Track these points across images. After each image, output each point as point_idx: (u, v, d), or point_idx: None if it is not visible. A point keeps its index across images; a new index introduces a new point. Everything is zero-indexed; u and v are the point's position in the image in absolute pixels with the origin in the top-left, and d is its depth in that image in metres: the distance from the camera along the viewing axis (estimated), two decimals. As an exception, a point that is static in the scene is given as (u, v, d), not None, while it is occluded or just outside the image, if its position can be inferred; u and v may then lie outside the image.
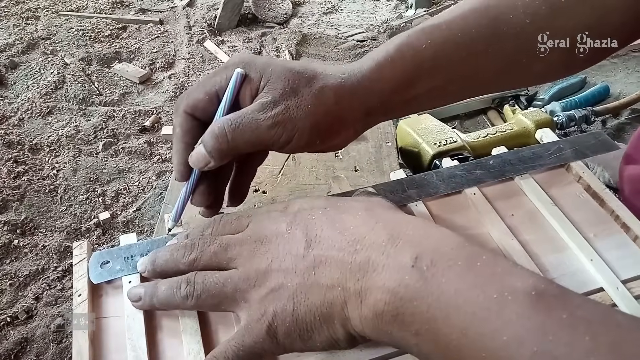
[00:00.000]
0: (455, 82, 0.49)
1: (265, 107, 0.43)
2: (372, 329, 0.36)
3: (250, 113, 0.43)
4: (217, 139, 0.43)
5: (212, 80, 0.46)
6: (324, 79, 0.45)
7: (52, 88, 1.23)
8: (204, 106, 0.45)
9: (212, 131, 0.43)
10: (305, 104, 0.44)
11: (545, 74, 0.54)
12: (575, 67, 0.54)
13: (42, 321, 0.77)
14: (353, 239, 0.38)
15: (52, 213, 0.94)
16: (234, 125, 0.43)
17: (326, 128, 0.46)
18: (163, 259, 0.43)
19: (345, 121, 0.47)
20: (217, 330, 0.44)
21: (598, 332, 0.29)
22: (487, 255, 0.35)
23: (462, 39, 0.47)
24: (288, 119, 0.43)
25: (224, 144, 0.43)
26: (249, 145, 0.44)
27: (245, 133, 0.43)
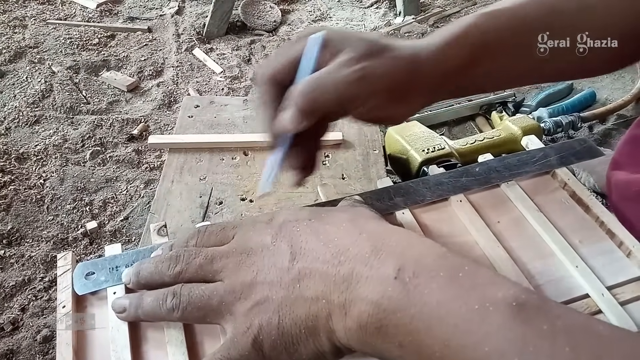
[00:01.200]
0: (513, 68, 0.51)
1: (345, 64, 0.44)
2: (356, 341, 0.36)
3: (332, 70, 0.44)
4: (302, 97, 0.44)
5: (292, 48, 0.46)
6: (398, 49, 0.46)
7: (40, 97, 1.23)
8: (286, 73, 0.46)
9: (296, 91, 0.44)
10: (384, 65, 0.45)
11: (594, 69, 0.55)
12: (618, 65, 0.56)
13: (28, 332, 0.76)
14: (337, 250, 0.38)
15: (38, 223, 0.93)
16: (316, 83, 0.44)
17: (398, 93, 0.46)
18: (148, 270, 0.43)
19: (413, 92, 0.47)
20: (203, 341, 0.44)
21: (579, 343, 0.29)
22: (470, 265, 0.35)
23: (521, 26, 0.49)
24: (367, 75, 0.44)
25: (307, 103, 0.44)
26: (330, 102, 0.44)
27: (326, 90, 0.44)
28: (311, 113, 0.44)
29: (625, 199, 0.68)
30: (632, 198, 0.64)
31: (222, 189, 0.72)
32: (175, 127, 0.86)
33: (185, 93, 1.29)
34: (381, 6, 1.75)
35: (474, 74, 0.49)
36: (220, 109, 0.87)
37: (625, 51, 0.51)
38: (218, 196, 0.71)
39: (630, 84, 1.33)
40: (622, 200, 0.69)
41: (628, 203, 0.66)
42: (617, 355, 0.29)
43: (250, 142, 0.79)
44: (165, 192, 0.72)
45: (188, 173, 0.75)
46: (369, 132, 0.84)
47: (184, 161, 0.77)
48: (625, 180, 0.68)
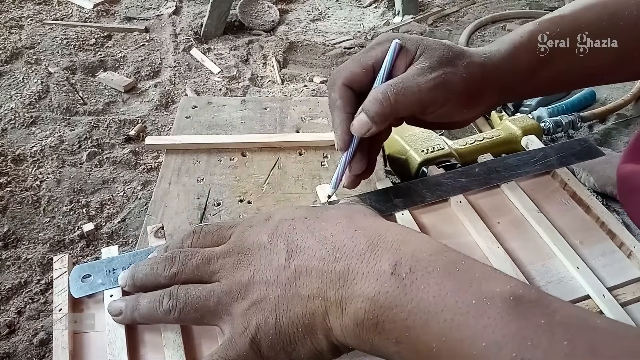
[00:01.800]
0: (577, 71, 0.53)
1: (424, 71, 0.47)
2: (353, 338, 0.36)
3: (411, 77, 0.47)
4: (380, 104, 0.46)
5: (367, 55, 0.49)
6: (471, 56, 0.49)
7: (36, 98, 1.22)
8: (361, 79, 0.49)
9: (375, 97, 0.47)
10: (460, 72, 0.47)
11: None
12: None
13: (24, 336, 0.76)
14: (333, 247, 0.38)
15: (35, 225, 0.92)
16: (397, 89, 0.46)
17: (472, 98, 0.49)
18: (143, 272, 0.43)
19: (484, 96, 0.50)
20: (200, 343, 0.43)
21: (576, 336, 0.29)
22: (466, 260, 0.36)
23: (585, 30, 0.51)
24: (446, 82, 0.46)
25: (387, 108, 0.46)
26: (409, 107, 0.47)
27: (407, 96, 0.46)
28: (386, 118, 0.47)
29: (629, 192, 0.68)
30: (635, 190, 0.65)
31: (219, 190, 0.72)
32: (173, 128, 0.85)
33: (182, 93, 1.29)
34: (380, 5, 1.75)
35: (540, 78, 0.51)
36: (218, 110, 0.87)
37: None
38: (216, 197, 0.71)
39: (630, 84, 1.33)
40: (627, 193, 0.69)
41: (633, 196, 0.67)
42: (614, 349, 0.29)
43: (248, 143, 0.79)
44: (162, 193, 0.71)
45: (185, 174, 0.74)
46: (367, 132, 0.84)
47: (182, 162, 0.76)
48: (630, 171, 0.68)
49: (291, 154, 0.78)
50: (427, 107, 0.48)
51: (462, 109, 0.49)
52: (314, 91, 1.29)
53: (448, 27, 1.63)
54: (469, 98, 0.49)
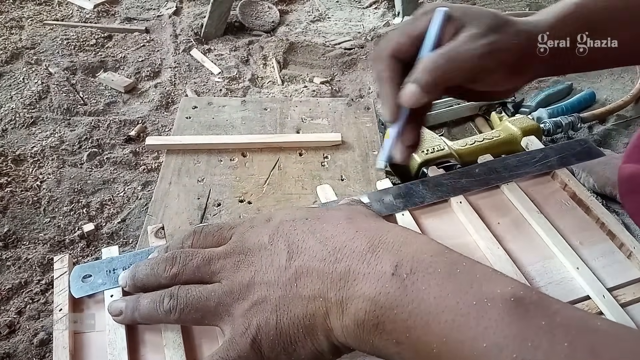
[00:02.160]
0: (619, 46, 0.51)
1: (474, 38, 0.46)
2: (354, 339, 0.36)
3: (461, 44, 0.46)
4: (430, 72, 0.45)
5: (413, 25, 0.48)
6: (516, 24, 0.48)
7: (36, 98, 1.22)
8: (407, 49, 0.48)
9: (426, 65, 0.45)
10: (508, 39, 0.47)
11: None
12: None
13: (24, 336, 0.76)
14: (334, 248, 0.38)
15: (35, 225, 0.92)
16: (447, 56, 0.45)
17: (517, 67, 0.48)
18: (143, 273, 0.43)
19: (528, 65, 0.49)
20: (201, 344, 0.43)
21: (576, 338, 0.29)
22: (467, 262, 0.36)
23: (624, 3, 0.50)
24: (496, 49, 0.46)
25: (439, 76, 0.45)
26: (460, 75, 0.46)
27: (458, 63, 0.45)
28: (437, 87, 0.46)
29: (630, 192, 0.68)
30: (636, 190, 0.65)
31: (220, 190, 0.72)
32: (173, 128, 0.85)
33: (182, 94, 1.29)
34: (380, 6, 1.75)
35: (583, 49, 0.50)
36: (218, 110, 0.87)
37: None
38: (216, 198, 0.71)
39: (629, 85, 1.33)
40: (629, 193, 0.69)
41: (634, 196, 0.66)
42: (615, 351, 0.29)
43: (249, 143, 0.79)
44: (162, 193, 0.71)
45: (186, 174, 0.74)
46: (368, 133, 0.84)
47: (182, 163, 0.76)
48: (631, 172, 0.68)
49: (291, 154, 0.78)
50: (477, 74, 0.47)
51: (511, 76, 0.49)
52: (314, 92, 1.29)
53: (448, 28, 1.63)
54: (519, 65, 0.48)
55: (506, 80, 0.49)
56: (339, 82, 1.38)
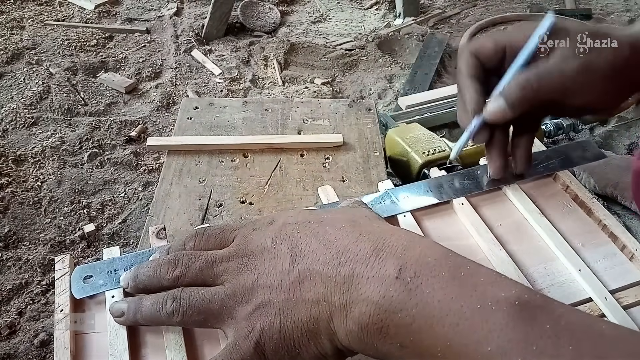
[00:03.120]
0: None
1: (568, 58, 0.46)
2: (358, 343, 0.36)
3: (554, 63, 0.46)
4: (523, 89, 0.46)
5: (504, 34, 0.49)
6: (617, 37, 0.47)
7: (37, 98, 1.22)
8: (489, 54, 0.49)
9: (518, 83, 0.46)
10: (606, 55, 0.46)
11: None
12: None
13: (25, 336, 0.76)
14: (337, 251, 0.38)
15: (36, 226, 0.92)
16: (540, 75, 0.46)
17: (620, 82, 0.48)
18: (146, 275, 0.42)
19: (633, 78, 0.48)
20: (202, 345, 0.43)
21: (581, 342, 0.29)
22: (471, 265, 0.35)
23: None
24: (590, 67, 0.45)
25: (530, 93, 0.46)
26: (552, 94, 0.46)
27: (551, 82, 0.46)
28: (524, 105, 0.47)
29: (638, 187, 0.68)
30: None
31: (221, 191, 0.72)
32: (174, 129, 0.85)
33: (183, 95, 1.29)
34: (381, 7, 1.75)
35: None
36: (220, 111, 0.87)
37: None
38: (217, 198, 0.71)
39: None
40: (636, 189, 0.69)
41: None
42: (619, 354, 0.29)
43: (250, 144, 0.79)
44: (164, 194, 0.71)
45: (187, 175, 0.74)
46: (369, 134, 0.84)
47: (183, 163, 0.76)
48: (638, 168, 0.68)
49: (293, 155, 0.78)
50: (570, 93, 0.47)
51: (607, 94, 0.48)
52: (315, 93, 1.29)
53: (449, 29, 1.63)
54: (616, 82, 0.47)
55: (604, 98, 0.48)
56: (339, 83, 1.38)
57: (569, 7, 1.72)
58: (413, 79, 1.34)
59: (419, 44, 1.50)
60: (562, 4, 1.75)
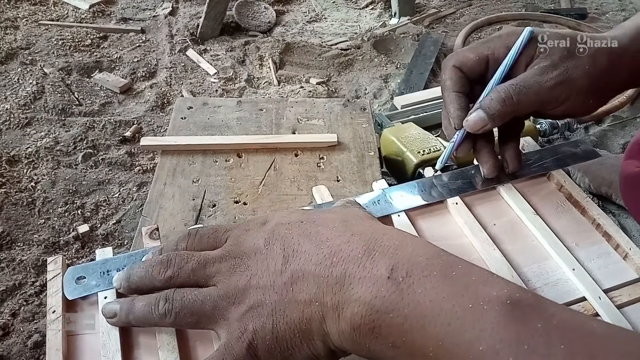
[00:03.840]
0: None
1: (545, 70, 0.47)
2: (350, 343, 0.36)
3: (532, 77, 0.48)
4: (503, 102, 0.48)
5: (485, 45, 0.51)
6: (595, 43, 0.49)
7: (31, 99, 1.22)
8: (472, 65, 0.51)
9: (498, 95, 0.48)
10: (583, 65, 0.48)
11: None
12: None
13: (18, 338, 0.75)
14: (329, 252, 0.38)
15: (29, 226, 0.92)
16: (519, 88, 0.47)
17: (600, 88, 0.49)
18: (138, 275, 0.42)
19: (611, 84, 0.50)
20: (195, 346, 0.43)
21: (573, 341, 0.29)
22: (463, 264, 0.36)
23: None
24: (568, 79, 0.47)
25: (510, 107, 0.48)
26: (531, 106, 0.48)
27: (529, 95, 0.47)
28: (504, 117, 0.48)
29: (631, 189, 0.68)
30: (637, 187, 0.65)
31: (215, 191, 0.72)
32: (168, 128, 0.85)
33: (178, 94, 1.29)
34: (376, 7, 1.75)
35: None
36: (214, 111, 0.87)
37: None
38: (211, 199, 0.71)
39: (624, 86, 1.33)
40: (629, 190, 0.69)
41: (634, 193, 0.66)
42: (611, 353, 0.29)
43: (244, 144, 0.79)
44: (157, 194, 0.71)
45: (181, 175, 0.74)
46: (364, 133, 0.84)
47: (177, 163, 0.76)
48: (632, 169, 0.68)
49: (287, 155, 0.78)
50: (548, 104, 0.49)
51: (586, 101, 0.50)
52: (310, 92, 1.29)
53: (444, 28, 1.63)
54: (593, 90, 0.49)
55: (583, 105, 0.50)
56: (335, 82, 1.37)
57: (564, 6, 1.72)
58: (408, 79, 1.34)
59: (415, 44, 1.50)
60: (557, 4, 1.75)
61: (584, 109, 0.51)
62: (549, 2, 1.77)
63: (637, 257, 0.49)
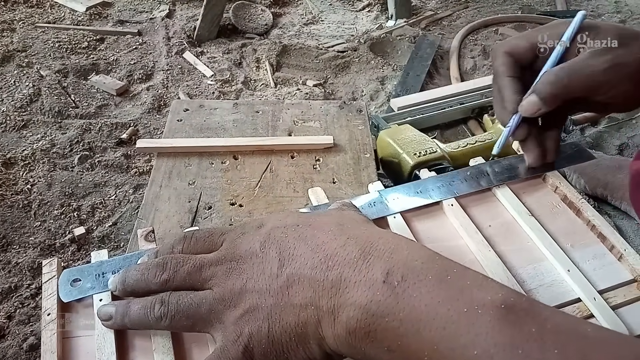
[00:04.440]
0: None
1: (597, 54, 0.48)
2: (346, 347, 0.36)
3: (584, 60, 0.48)
4: (553, 85, 0.49)
5: (536, 33, 0.52)
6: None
7: (27, 101, 1.21)
8: (522, 51, 0.52)
9: (548, 79, 0.49)
10: (635, 53, 0.48)
11: None
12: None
13: (14, 340, 0.75)
14: (325, 255, 0.38)
15: (25, 229, 0.92)
16: (570, 71, 0.48)
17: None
18: (133, 278, 0.42)
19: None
20: (191, 349, 0.43)
21: (567, 345, 0.30)
22: (457, 268, 0.36)
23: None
24: (619, 65, 0.48)
25: (560, 89, 0.49)
26: (582, 89, 0.49)
27: (581, 78, 0.48)
28: (556, 99, 0.49)
29: (635, 188, 0.69)
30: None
31: (211, 193, 0.72)
32: (164, 131, 0.85)
33: (175, 97, 1.28)
34: (373, 9, 1.75)
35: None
36: (210, 113, 0.87)
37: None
38: (207, 201, 0.71)
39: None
40: (637, 189, 0.70)
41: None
42: (604, 357, 0.29)
43: (240, 146, 0.79)
44: (153, 197, 0.71)
45: (177, 177, 0.74)
46: (360, 135, 0.84)
47: (173, 165, 0.76)
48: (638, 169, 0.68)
49: (283, 157, 0.78)
50: (599, 89, 0.49)
51: (633, 90, 0.50)
52: (307, 94, 1.29)
53: (441, 30, 1.63)
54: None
55: (632, 94, 0.50)
56: (332, 84, 1.38)
57: (560, 8, 1.72)
58: (405, 81, 1.35)
59: (411, 46, 1.50)
60: (553, 6, 1.76)
61: (632, 98, 0.52)
62: (545, 4, 1.78)
63: (632, 258, 0.49)
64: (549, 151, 0.56)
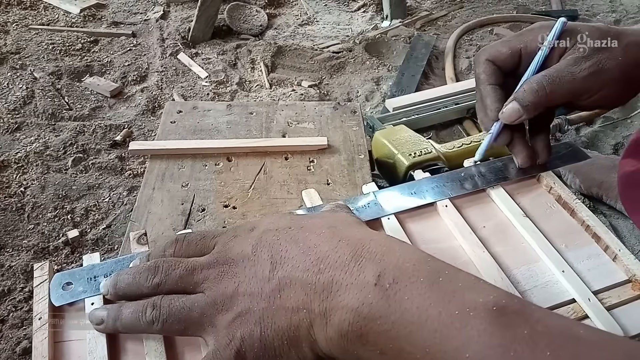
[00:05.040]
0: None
1: (579, 60, 0.48)
2: (338, 350, 0.36)
3: (565, 67, 0.49)
4: (535, 93, 0.49)
5: (518, 39, 0.52)
6: (630, 35, 0.50)
7: (21, 103, 1.21)
8: (505, 58, 0.52)
9: (531, 87, 0.49)
10: (616, 56, 0.48)
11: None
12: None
13: (7, 344, 0.74)
14: (317, 258, 0.37)
15: (19, 232, 0.91)
16: (552, 79, 0.48)
17: (633, 79, 0.50)
18: (125, 282, 0.42)
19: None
20: (183, 352, 0.43)
21: (559, 347, 0.29)
22: (449, 270, 0.35)
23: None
24: (600, 70, 0.48)
25: (542, 97, 0.49)
26: (564, 97, 0.49)
27: (562, 85, 0.48)
28: (537, 108, 0.49)
29: (629, 187, 0.69)
30: (635, 185, 0.65)
31: (204, 195, 0.71)
32: (157, 132, 0.84)
33: (169, 98, 1.28)
34: (368, 10, 1.75)
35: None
36: (204, 115, 0.86)
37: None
38: (200, 203, 0.70)
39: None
40: (627, 188, 0.70)
41: (631, 191, 0.67)
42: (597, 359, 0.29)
43: (234, 147, 0.78)
44: (146, 199, 0.70)
45: (170, 180, 0.74)
46: (354, 136, 0.84)
47: (166, 168, 0.76)
48: (630, 168, 0.69)
49: (277, 158, 0.78)
50: (580, 95, 0.49)
51: (618, 92, 0.50)
52: (302, 95, 1.29)
53: (436, 31, 1.63)
54: (626, 81, 0.50)
55: (615, 95, 0.51)
56: (327, 85, 1.37)
57: (555, 8, 1.73)
58: (400, 81, 1.35)
59: (406, 46, 1.50)
60: (548, 5, 1.76)
61: (617, 100, 0.52)
62: (540, 4, 1.78)
63: (627, 259, 0.49)
64: (539, 152, 0.56)
